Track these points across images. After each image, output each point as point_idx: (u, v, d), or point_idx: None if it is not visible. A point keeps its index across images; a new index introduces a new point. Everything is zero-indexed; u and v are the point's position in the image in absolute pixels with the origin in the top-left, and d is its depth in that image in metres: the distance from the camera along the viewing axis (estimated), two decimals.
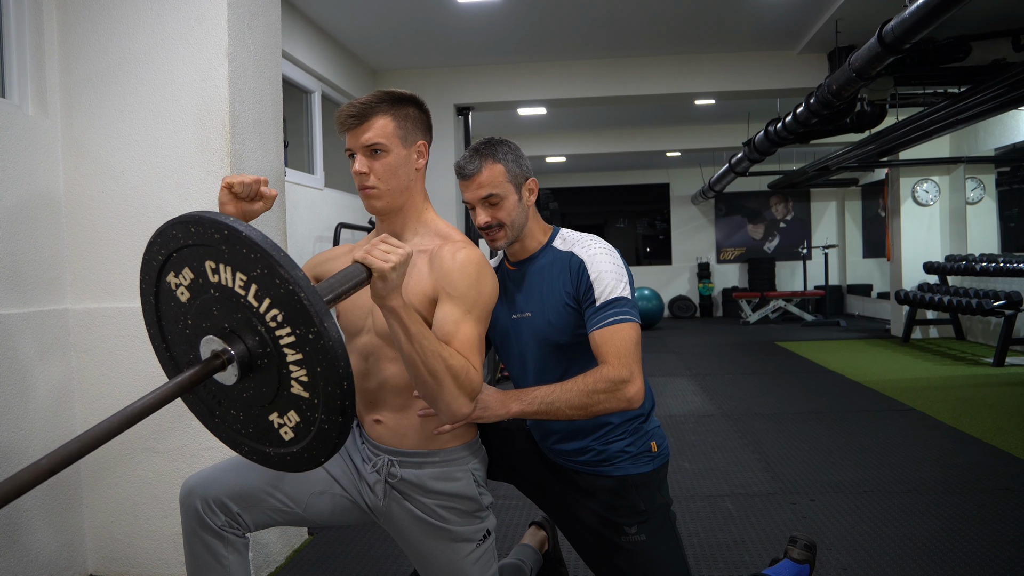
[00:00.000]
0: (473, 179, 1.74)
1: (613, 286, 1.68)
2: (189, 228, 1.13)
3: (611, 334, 1.64)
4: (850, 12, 5.12)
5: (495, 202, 1.74)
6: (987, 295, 6.80)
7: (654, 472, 1.80)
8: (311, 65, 5.00)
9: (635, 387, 1.61)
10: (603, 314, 1.66)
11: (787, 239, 13.20)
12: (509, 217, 1.75)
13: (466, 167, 1.75)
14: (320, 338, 1.05)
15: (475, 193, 1.74)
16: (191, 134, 2.40)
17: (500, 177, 1.74)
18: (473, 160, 1.75)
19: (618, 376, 1.59)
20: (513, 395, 1.63)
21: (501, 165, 1.74)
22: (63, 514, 2.41)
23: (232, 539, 1.58)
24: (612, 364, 1.61)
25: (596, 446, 1.78)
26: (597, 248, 1.75)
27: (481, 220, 1.75)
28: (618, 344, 1.63)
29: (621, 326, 1.64)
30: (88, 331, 2.45)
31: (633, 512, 1.76)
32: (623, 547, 1.76)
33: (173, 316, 1.23)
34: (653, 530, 1.76)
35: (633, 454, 1.78)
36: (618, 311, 1.66)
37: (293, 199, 4.43)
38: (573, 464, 1.82)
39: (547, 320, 1.76)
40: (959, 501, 3.01)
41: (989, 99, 4.99)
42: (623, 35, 5.77)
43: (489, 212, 1.74)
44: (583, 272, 1.72)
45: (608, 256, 1.74)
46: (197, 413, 1.30)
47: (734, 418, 4.64)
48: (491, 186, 1.73)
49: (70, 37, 2.46)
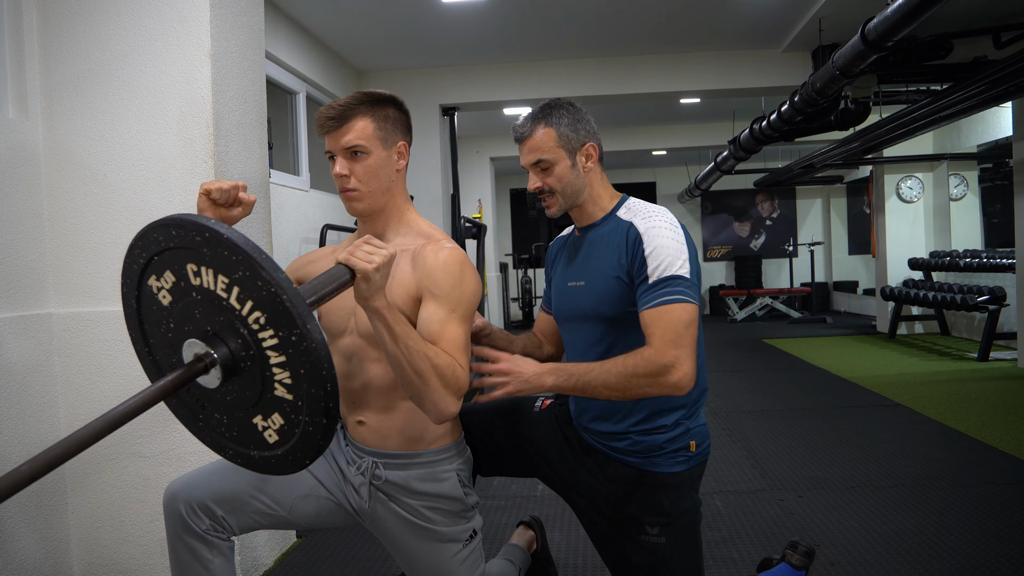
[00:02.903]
0: (524, 143, 1.71)
1: (669, 263, 1.57)
2: (170, 231, 1.12)
3: (660, 315, 1.54)
4: (833, 11, 5.16)
5: (545, 167, 1.70)
6: (971, 290, 6.86)
7: (687, 472, 1.69)
8: (295, 66, 4.98)
9: (680, 372, 1.50)
10: (654, 292, 1.56)
11: (773, 237, 13.27)
12: (560, 183, 1.70)
13: (518, 130, 1.73)
14: (303, 340, 1.04)
15: (526, 158, 1.71)
16: (174, 136, 2.39)
17: (551, 142, 1.69)
18: (526, 124, 1.71)
19: (661, 361, 1.50)
20: (550, 368, 1.58)
21: (553, 129, 1.70)
22: (48, 520, 2.39)
23: (217, 543, 1.57)
24: (656, 347, 1.51)
25: (635, 436, 1.69)
26: (658, 220, 1.65)
27: (532, 185, 1.72)
28: (665, 327, 1.52)
29: (672, 307, 1.53)
30: (72, 335, 2.43)
31: (659, 512, 1.67)
32: (640, 544, 1.68)
33: (155, 320, 1.22)
34: (675, 534, 1.68)
35: (669, 451, 1.68)
36: (671, 290, 1.55)
37: (278, 201, 4.41)
38: (605, 448, 1.74)
39: (596, 291, 1.69)
40: (944, 495, 3.04)
41: (971, 96, 5.03)
42: (608, 35, 5.78)
43: (540, 177, 1.71)
44: (639, 245, 1.62)
45: (669, 230, 1.62)
46: (181, 417, 1.29)
47: (722, 415, 4.67)
48: (540, 151, 1.69)
49: (51, 39, 2.43)
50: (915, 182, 8.69)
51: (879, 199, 8.86)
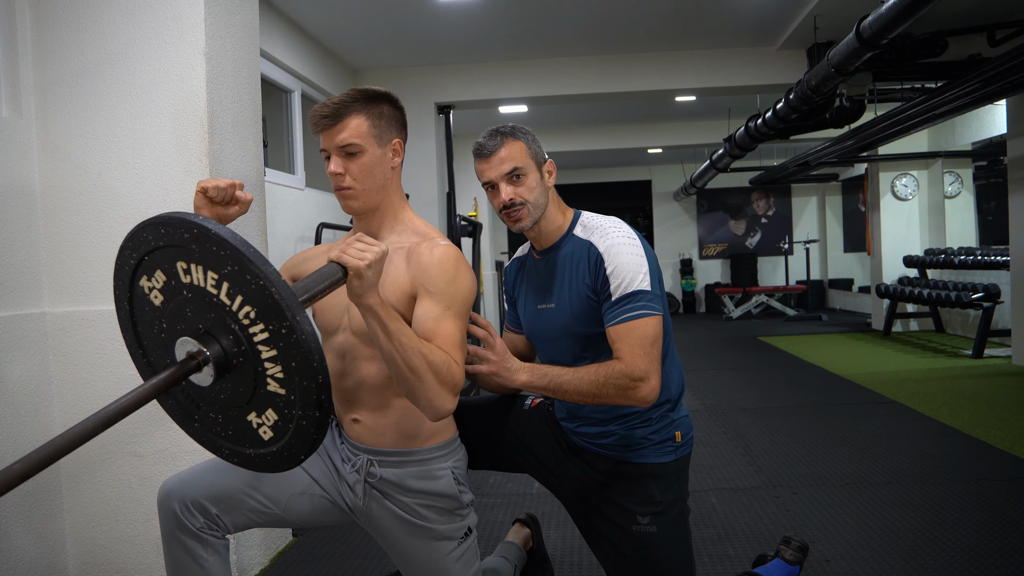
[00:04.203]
0: (495, 154, 1.72)
1: (631, 279, 1.64)
2: (159, 229, 1.12)
3: (627, 332, 1.61)
4: (828, 8, 5.16)
5: (519, 176, 1.72)
6: (966, 288, 6.88)
7: (675, 463, 1.76)
8: (290, 64, 4.97)
9: (648, 387, 1.58)
10: (618, 309, 1.63)
11: (769, 235, 13.28)
12: (532, 194, 1.73)
13: (487, 144, 1.73)
14: (293, 332, 1.04)
15: (498, 169, 1.72)
16: (169, 134, 2.38)
17: (522, 153, 1.73)
18: (494, 137, 1.73)
19: (632, 375, 1.57)
20: (526, 367, 1.66)
21: (522, 142, 1.74)
22: (43, 519, 2.38)
23: (211, 541, 1.57)
24: (627, 362, 1.58)
25: (619, 431, 1.75)
26: (616, 236, 1.71)
27: (504, 197, 1.72)
28: (633, 343, 1.60)
29: (636, 322, 1.61)
30: (66, 334, 2.43)
31: (649, 502, 1.73)
32: (632, 535, 1.73)
33: (148, 321, 1.22)
34: (665, 523, 1.73)
35: (656, 442, 1.75)
36: (634, 306, 1.62)
37: (274, 199, 4.40)
38: (592, 446, 1.80)
39: (570, 312, 1.74)
40: (939, 491, 3.05)
41: (966, 94, 5.04)
42: (604, 33, 5.78)
43: (512, 189, 1.72)
44: (600, 264, 1.68)
45: (628, 246, 1.68)
46: (177, 419, 1.29)
47: (717, 413, 4.67)
48: (515, 160, 1.71)
49: (44, 37, 2.42)
50: (910, 180, 8.71)
51: (874, 197, 8.88)
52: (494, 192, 1.75)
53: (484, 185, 1.76)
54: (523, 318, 1.92)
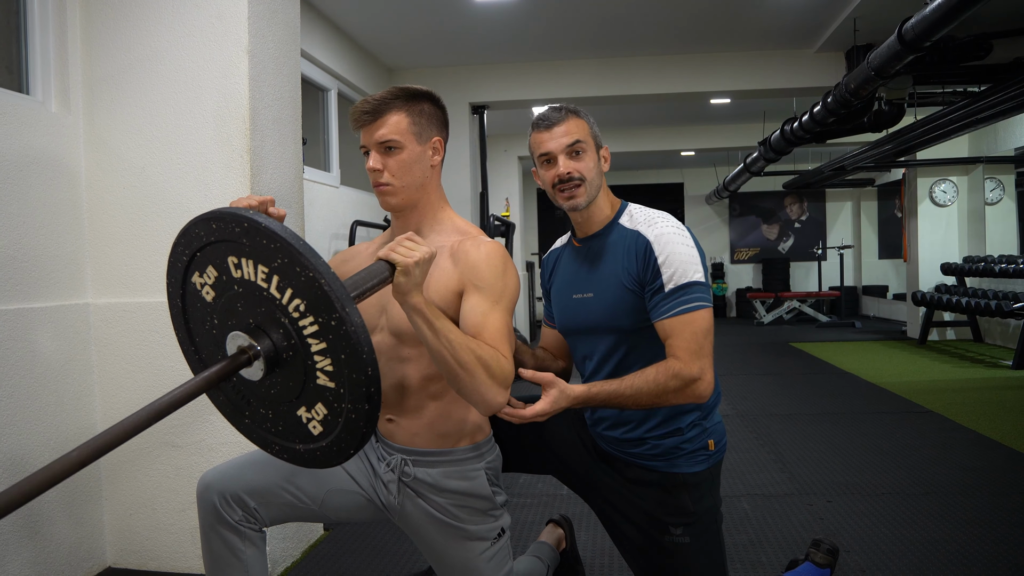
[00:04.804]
0: (558, 126, 1.69)
1: (684, 269, 1.58)
2: (211, 225, 1.13)
3: (683, 325, 1.55)
4: (868, 10, 5.08)
5: (579, 152, 1.68)
6: (1006, 297, 6.73)
7: (708, 471, 1.71)
8: (327, 63, 5.02)
9: (705, 383, 1.54)
10: (673, 301, 1.56)
11: (802, 239, 13.13)
12: (590, 173, 1.69)
13: (551, 115, 1.70)
14: (343, 324, 1.04)
15: (559, 141, 1.68)
16: (211, 131, 2.42)
17: (584, 131, 1.70)
18: (559, 111, 1.71)
19: (689, 373, 1.52)
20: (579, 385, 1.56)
21: (584, 121, 1.72)
22: (83, 507, 2.43)
23: (249, 533, 1.59)
24: (683, 360, 1.53)
25: (652, 439, 1.70)
26: (666, 226, 1.65)
27: (563, 169, 1.67)
28: (689, 337, 1.54)
29: (693, 315, 1.55)
30: (108, 326, 2.47)
31: (681, 512, 1.68)
32: (664, 546, 1.69)
33: (200, 317, 1.23)
34: (698, 533, 1.69)
35: (689, 451, 1.69)
36: (689, 297, 1.56)
37: (309, 197, 4.45)
38: (624, 454, 1.75)
39: (608, 303, 1.68)
40: (979, 504, 2.99)
41: (1010, 98, 4.94)
42: (638, 34, 5.75)
43: (572, 163, 1.68)
44: (649, 254, 1.62)
45: (678, 236, 1.63)
46: (227, 415, 1.29)
47: (749, 418, 4.62)
48: (577, 134, 1.68)
49: (92, 34, 2.48)
50: (949, 186, 8.54)
51: (911, 202, 8.73)
52: (549, 165, 1.70)
53: (540, 157, 1.71)
54: (555, 308, 1.85)
